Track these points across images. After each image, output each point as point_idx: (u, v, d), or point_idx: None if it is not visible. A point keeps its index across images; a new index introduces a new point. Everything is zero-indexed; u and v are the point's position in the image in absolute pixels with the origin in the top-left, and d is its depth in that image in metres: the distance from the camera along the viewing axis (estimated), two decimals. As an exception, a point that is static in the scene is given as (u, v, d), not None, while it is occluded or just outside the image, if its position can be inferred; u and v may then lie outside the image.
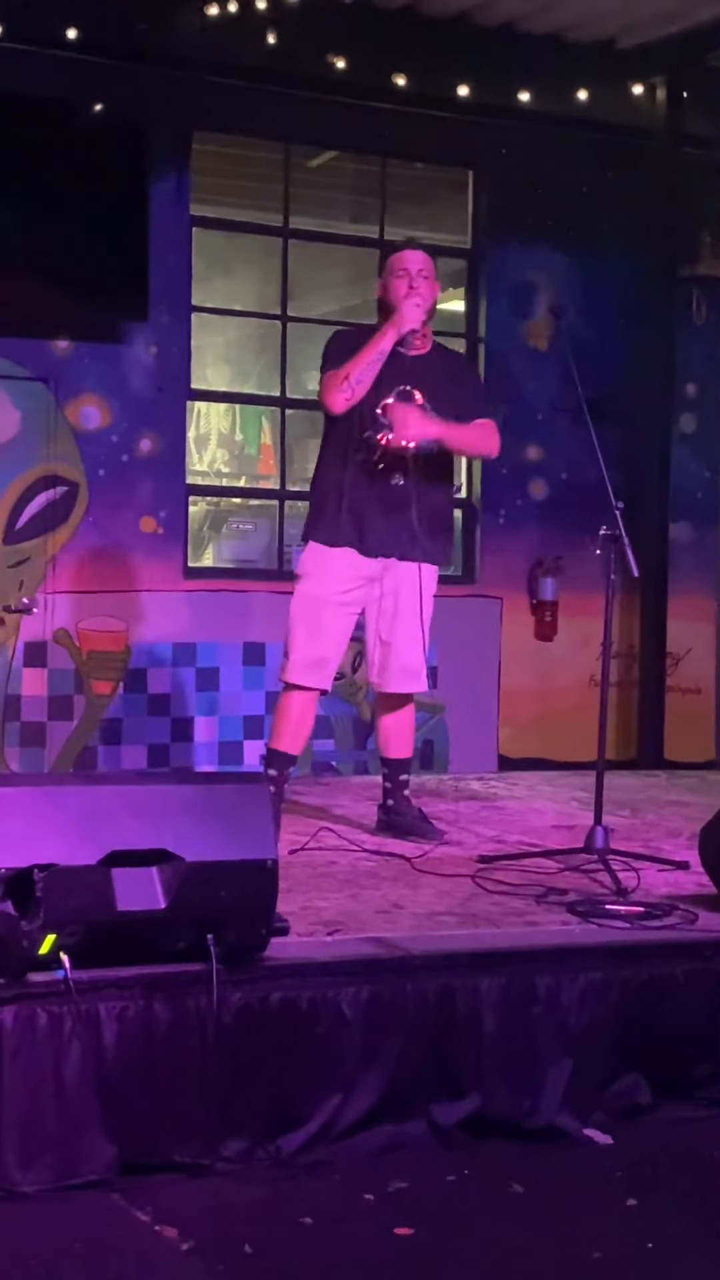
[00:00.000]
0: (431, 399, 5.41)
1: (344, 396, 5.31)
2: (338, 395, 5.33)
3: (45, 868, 3.41)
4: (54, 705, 7.60)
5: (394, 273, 5.44)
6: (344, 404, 5.33)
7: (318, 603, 5.47)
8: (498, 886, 4.76)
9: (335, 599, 5.48)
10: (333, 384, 5.35)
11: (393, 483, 5.41)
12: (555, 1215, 3.43)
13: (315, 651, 5.48)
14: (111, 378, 7.65)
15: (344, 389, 5.31)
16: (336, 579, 5.47)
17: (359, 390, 5.30)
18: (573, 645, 8.44)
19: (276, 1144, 3.59)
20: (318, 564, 5.49)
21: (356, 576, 5.49)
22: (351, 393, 5.31)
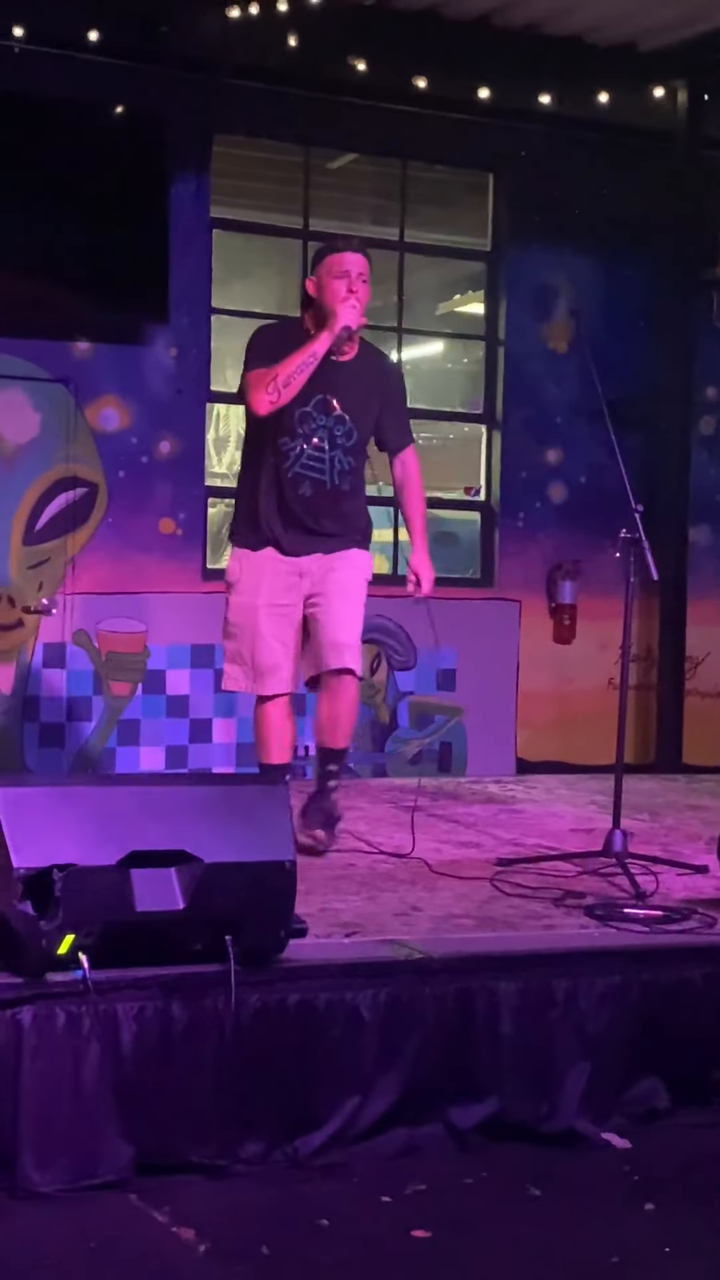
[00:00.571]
0: (351, 409, 5.26)
1: (269, 399, 5.10)
2: (263, 397, 5.10)
3: (64, 868, 3.41)
4: (73, 706, 7.61)
5: (332, 273, 5.17)
6: (269, 407, 5.12)
7: (252, 610, 5.27)
8: (516, 890, 4.75)
9: (268, 602, 5.27)
10: (259, 384, 5.12)
11: (307, 493, 5.26)
12: (573, 1219, 3.42)
13: (260, 658, 5.27)
14: (131, 380, 7.66)
15: (270, 391, 5.09)
16: (269, 586, 5.28)
17: (286, 394, 5.10)
18: (591, 648, 8.43)
19: (294, 1145, 3.59)
20: (245, 571, 5.32)
21: (288, 574, 5.29)
22: (278, 396, 5.10)
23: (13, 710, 7.49)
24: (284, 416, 5.19)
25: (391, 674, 8.29)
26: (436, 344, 9.31)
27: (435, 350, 9.37)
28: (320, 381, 5.17)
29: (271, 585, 5.28)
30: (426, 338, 9.08)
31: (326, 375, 5.17)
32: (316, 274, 5.22)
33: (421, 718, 8.38)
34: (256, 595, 5.27)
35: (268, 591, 5.28)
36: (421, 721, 8.38)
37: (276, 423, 5.20)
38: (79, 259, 7.25)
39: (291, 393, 5.11)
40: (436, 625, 5.47)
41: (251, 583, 5.29)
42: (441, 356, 9.44)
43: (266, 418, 5.17)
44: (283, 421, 5.20)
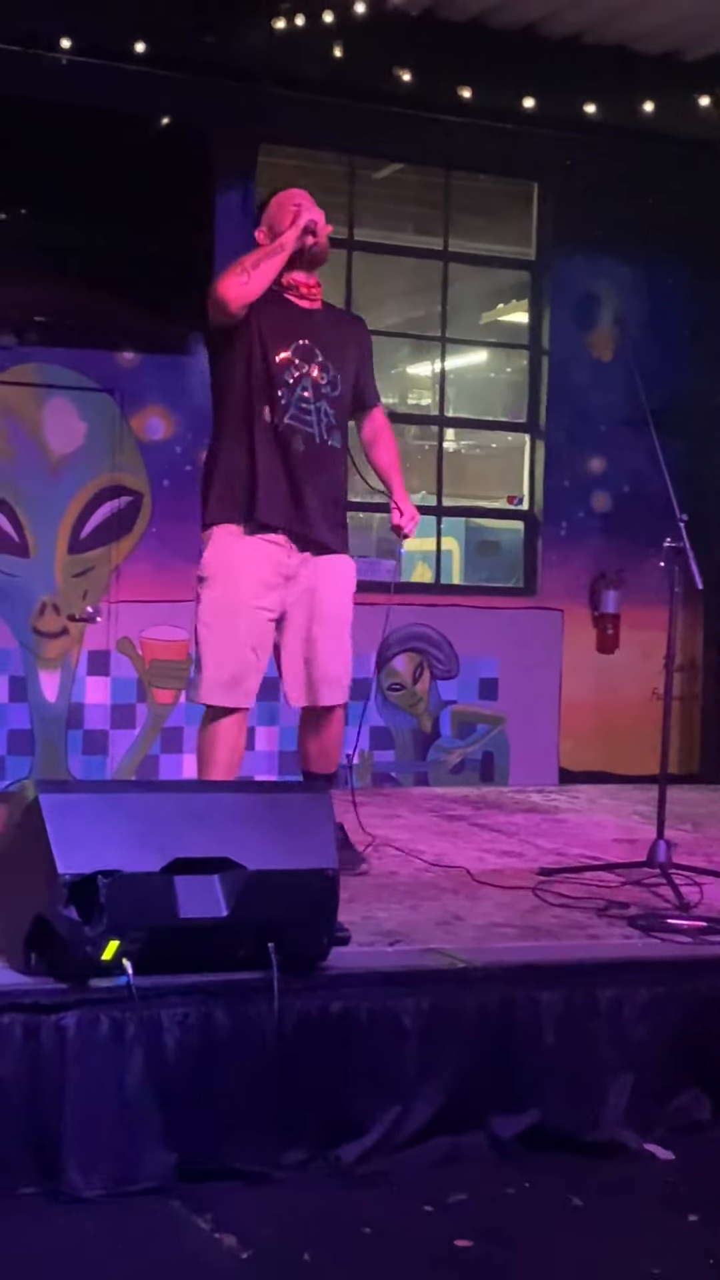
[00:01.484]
0: (332, 358, 4.94)
1: (239, 282, 4.72)
2: (231, 280, 4.73)
3: (109, 874, 3.42)
4: (117, 713, 7.64)
5: (283, 207, 4.95)
6: (237, 290, 4.72)
7: (231, 609, 4.84)
8: (559, 899, 4.74)
9: (250, 603, 4.85)
10: (228, 272, 4.79)
11: (299, 447, 4.86)
12: (615, 1230, 3.41)
13: (232, 667, 4.86)
14: (176, 389, 7.70)
15: (239, 274, 4.73)
16: (251, 580, 4.84)
17: (255, 278, 4.73)
18: (635, 658, 8.41)
19: (336, 1153, 3.59)
20: (227, 562, 4.86)
21: (272, 573, 4.88)
22: (247, 277, 4.72)
23: (57, 717, 7.53)
24: (269, 365, 4.84)
25: (434, 683, 8.29)
26: (480, 353, 9.32)
27: (479, 359, 9.37)
28: (298, 327, 4.91)
29: (254, 582, 4.85)
30: (470, 347, 9.08)
31: (302, 321, 4.93)
32: (265, 219, 5.02)
33: (464, 727, 8.38)
34: (237, 592, 4.84)
35: (250, 589, 4.85)
36: (464, 730, 8.38)
37: (262, 371, 4.83)
38: (125, 269, 7.29)
39: (261, 280, 4.75)
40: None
41: (232, 577, 4.85)
42: (485, 366, 9.44)
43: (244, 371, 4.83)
44: (269, 370, 4.84)
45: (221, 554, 4.87)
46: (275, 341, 4.86)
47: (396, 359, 10.06)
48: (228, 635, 4.85)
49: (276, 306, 4.90)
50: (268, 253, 4.80)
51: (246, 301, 4.75)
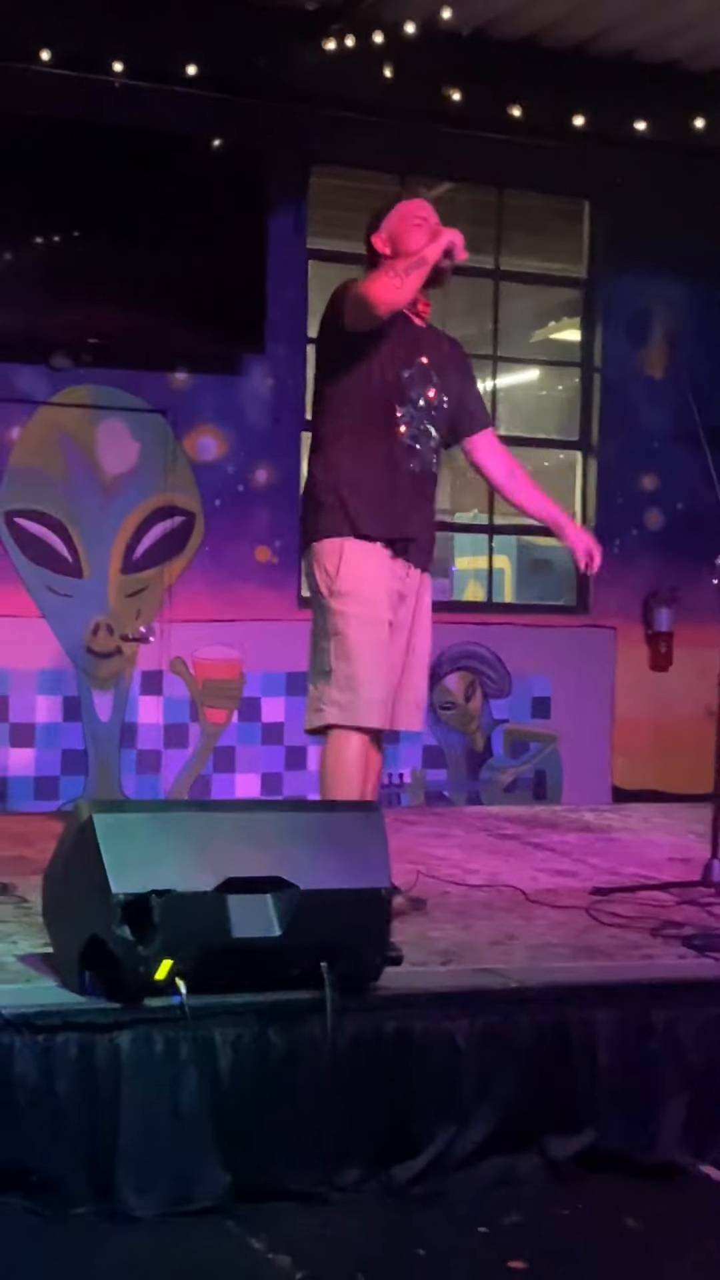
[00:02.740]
0: (442, 378, 4.81)
1: (391, 284, 4.50)
2: (384, 283, 4.50)
3: (162, 893, 3.43)
4: (169, 733, 7.67)
5: (410, 220, 4.75)
6: (392, 296, 4.51)
7: (377, 624, 4.62)
8: (613, 919, 4.72)
9: (386, 618, 4.65)
10: (378, 277, 4.55)
11: (416, 469, 4.73)
12: (671, 1252, 3.38)
13: (384, 684, 4.64)
14: (228, 409, 7.73)
15: (392, 277, 4.51)
16: (384, 594, 4.65)
17: (407, 286, 4.51)
18: (689, 676, 8.36)
19: (390, 1174, 3.57)
20: (363, 575, 4.63)
21: (398, 589, 4.72)
22: (400, 282, 4.50)
23: (111, 737, 7.56)
24: (391, 377, 4.68)
25: (486, 701, 8.27)
26: (532, 371, 9.31)
27: (531, 377, 9.37)
28: (417, 346, 4.75)
29: (386, 595, 4.66)
30: (522, 365, 9.08)
31: (420, 340, 4.77)
32: (386, 227, 4.78)
33: (516, 745, 8.36)
34: (378, 606, 4.63)
35: (385, 603, 4.65)
36: (516, 749, 8.36)
37: (384, 384, 4.67)
38: (178, 290, 7.34)
39: (412, 288, 4.55)
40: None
41: (371, 591, 4.62)
42: (537, 384, 9.44)
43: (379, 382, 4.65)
44: (390, 383, 4.68)
45: (356, 567, 4.62)
46: (402, 357, 4.71)
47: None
48: (378, 652, 4.62)
49: (399, 322, 4.73)
50: (415, 263, 4.56)
51: (397, 307, 4.57)
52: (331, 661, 4.61)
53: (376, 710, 4.62)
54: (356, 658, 4.58)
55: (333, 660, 4.60)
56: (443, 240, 4.60)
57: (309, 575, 4.76)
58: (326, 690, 4.61)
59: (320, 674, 4.64)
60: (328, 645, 4.62)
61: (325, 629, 4.65)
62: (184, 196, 7.31)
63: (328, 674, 4.61)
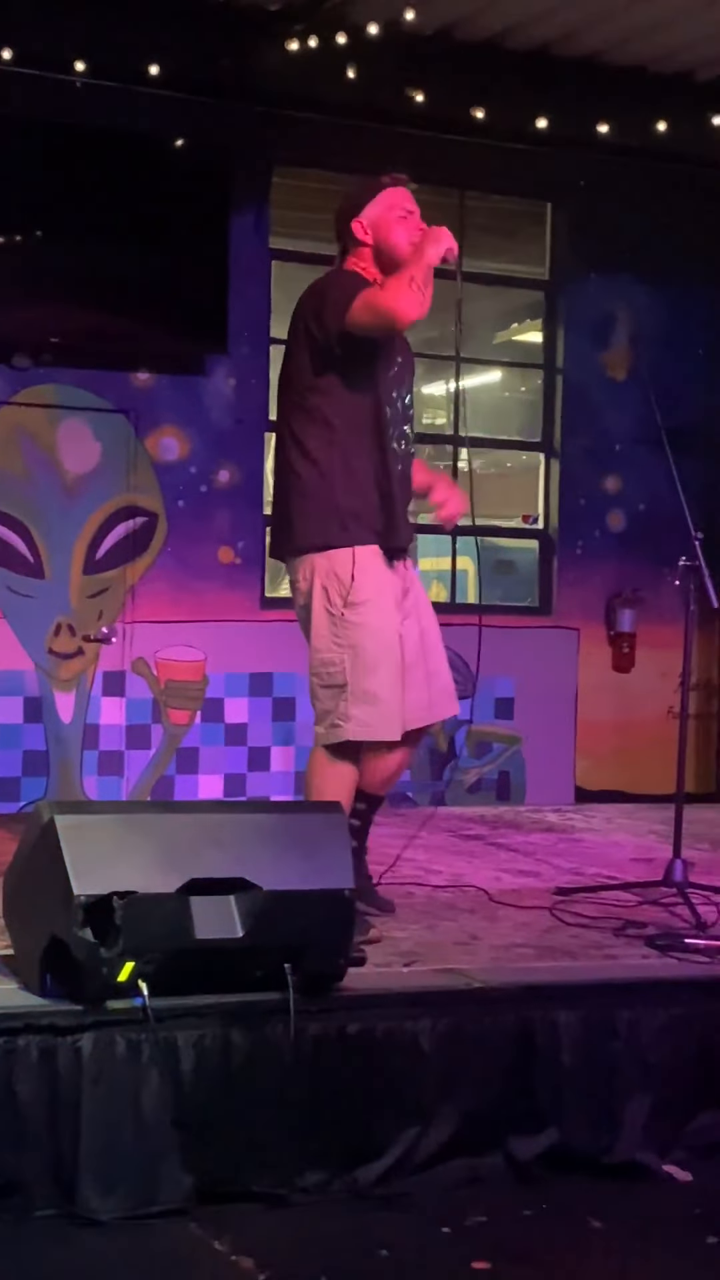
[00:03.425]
0: (409, 381, 4.72)
1: (418, 300, 4.33)
2: (412, 298, 4.32)
3: (125, 895, 3.42)
4: (132, 734, 7.64)
5: (394, 211, 4.62)
6: (419, 309, 4.34)
7: (393, 637, 4.53)
8: (576, 919, 4.73)
9: (399, 629, 4.57)
10: (400, 289, 4.34)
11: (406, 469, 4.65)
12: (634, 1252, 3.39)
13: (400, 699, 4.53)
14: (191, 409, 7.71)
15: (416, 292, 4.33)
16: (394, 604, 4.57)
17: (428, 298, 4.36)
18: (651, 677, 8.38)
19: (354, 1175, 3.57)
20: (378, 585, 4.51)
21: (400, 590, 4.63)
22: (423, 298, 4.34)
23: (73, 738, 7.53)
24: (381, 379, 4.53)
25: (450, 702, 8.26)
26: (495, 373, 9.32)
27: (493, 379, 9.38)
28: (394, 347, 4.60)
29: (395, 605, 4.55)
30: (485, 366, 9.09)
31: (394, 342, 4.60)
32: (368, 214, 4.62)
33: (480, 746, 8.36)
34: (392, 618, 4.53)
35: (396, 613, 4.54)
36: (480, 750, 8.36)
37: (377, 386, 4.51)
38: (140, 290, 7.31)
39: (429, 300, 4.38)
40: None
41: (385, 602, 4.50)
42: (500, 385, 9.45)
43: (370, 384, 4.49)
44: (380, 385, 4.52)
45: (372, 576, 4.48)
46: (389, 361, 4.59)
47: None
48: (396, 664, 4.51)
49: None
50: (426, 273, 4.38)
51: (418, 320, 4.42)
52: (348, 675, 4.46)
53: (396, 723, 4.50)
54: (375, 672, 4.45)
55: (349, 674, 4.45)
56: (444, 242, 4.45)
57: (306, 585, 4.56)
58: (342, 704, 4.46)
59: (334, 687, 4.49)
60: (342, 658, 4.47)
61: (336, 641, 4.48)
62: (146, 196, 7.28)
63: (343, 687, 4.46)
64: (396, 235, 4.56)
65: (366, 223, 4.62)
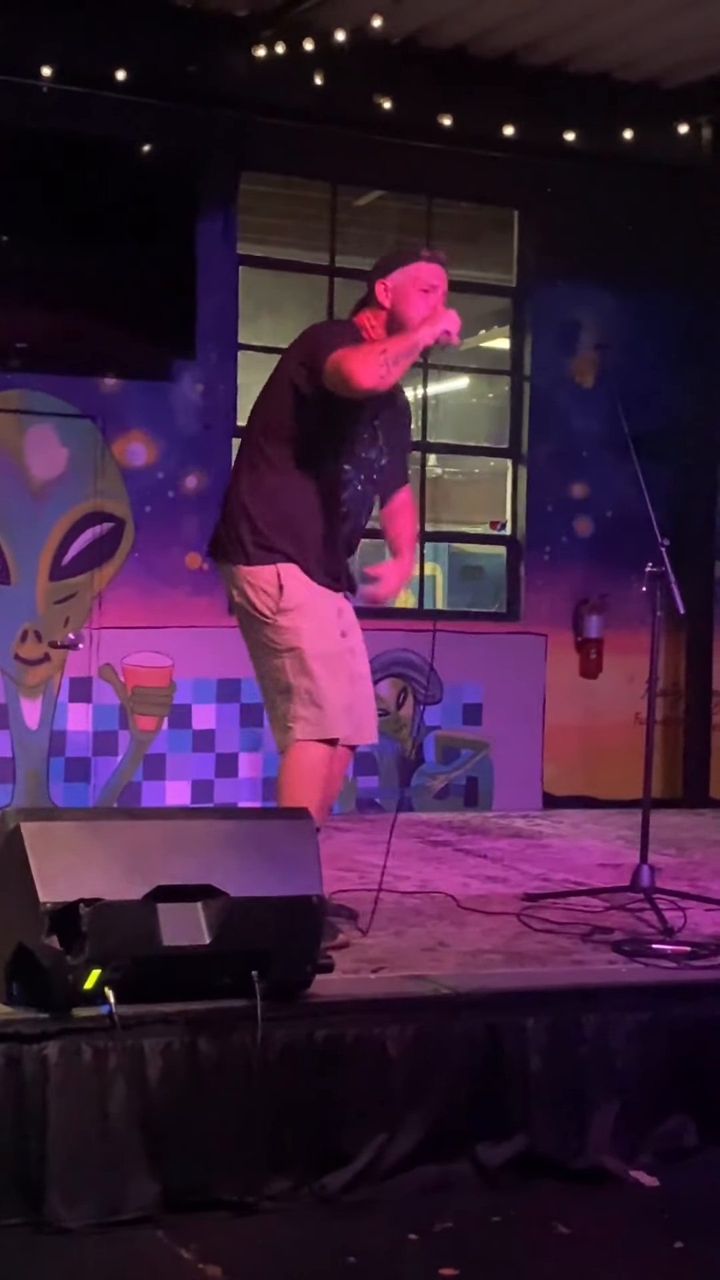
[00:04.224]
0: (389, 446, 4.79)
1: (379, 373, 4.35)
2: (373, 369, 4.34)
3: (91, 902, 3.41)
4: (99, 740, 7.62)
5: (419, 284, 4.63)
6: (374, 381, 4.37)
7: (332, 636, 4.61)
8: (543, 925, 4.73)
9: (339, 627, 4.66)
10: (365, 356, 4.38)
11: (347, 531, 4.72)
12: (601, 1257, 3.39)
13: (347, 694, 4.60)
14: (159, 415, 7.70)
15: (381, 364, 4.35)
16: (331, 609, 4.66)
17: (393, 374, 4.40)
18: (618, 683, 8.41)
19: (321, 1182, 3.57)
20: (310, 591, 4.59)
21: (334, 607, 4.71)
22: (387, 371, 4.36)
23: (39, 745, 7.51)
24: (347, 438, 4.61)
25: (418, 708, 8.28)
26: (462, 379, 9.34)
27: (461, 385, 9.40)
28: (374, 410, 4.65)
29: (333, 611, 4.66)
30: (452, 373, 9.10)
31: (378, 405, 4.65)
32: (394, 279, 4.64)
33: (447, 752, 8.37)
34: (329, 621, 4.62)
35: (334, 618, 4.65)
36: (447, 756, 8.37)
37: (339, 443, 4.59)
38: (107, 296, 7.30)
39: (397, 376, 4.43)
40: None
41: (319, 607, 4.60)
42: (467, 391, 9.47)
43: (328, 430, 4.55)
44: (345, 443, 4.61)
45: (303, 585, 4.57)
46: (360, 420, 4.62)
47: (379, 385, 10.07)
48: (338, 663, 4.58)
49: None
50: (406, 350, 4.43)
51: (378, 393, 4.48)
52: (291, 678, 4.53)
53: (343, 719, 4.55)
54: (317, 670, 4.52)
55: (292, 676, 4.53)
56: (438, 327, 4.48)
57: (239, 593, 4.65)
58: (290, 707, 4.53)
59: (280, 692, 4.56)
60: (283, 663, 4.55)
61: (276, 646, 4.56)
62: (114, 201, 7.27)
63: (289, 690, 4.53)
64: (411, 308, 4.59)
65: (390, 285, 4.65)
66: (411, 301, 4.61)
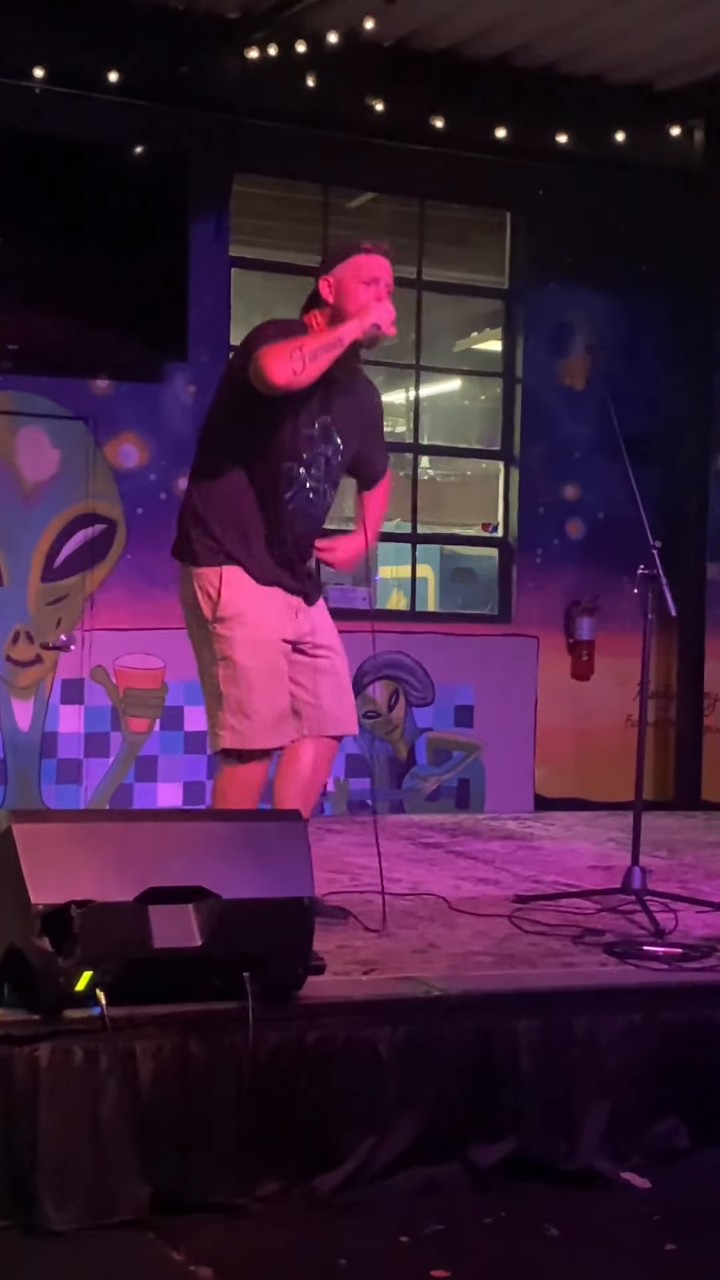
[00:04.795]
0: (346, 439, 4.70)
1: (292, 369, 4.33)
2: (285, 365, 4.33)
3: (82, 904, 3.40)
4: (90, 742, 7.62)
5: (360, 277, 4.56)
6: (287, 377, 4.35)
7: (267, 645, 4.55)
8: (534, 927, 4.73)
9: (277, 638, 4.59)
10: (280, 353, 4.35)
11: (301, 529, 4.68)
12: (592, 1259, 3.39)
13: (279, 705, 4.57)
14: (150, 417, 7.70)
15: (295, 360, 4.33)
16: (273, 613, 4.59)
17: (309, 370, 4.36)
18: (610, 685, 8.42)
19: (312, 1184, 3.56)
20: (249, 598, 4.55)
21: (286, 606, 4.64)
22: (301, 367, 4.34)
23: (30, 746, 7.50)
24: (289, 434, 4.56)
25: (409, 710, 8.28)
26: (454, 381, 9.35)
27: (453, 387, 9.40)
28: (323, 403, 4.60)
29: (276, 614, 4.60)
30: (444, 375, 9.11)
31: (328, 397, 4.60)
32: (335, 275, 4.60)
33: (439, 754, 8.38)
34: (267, 627, 4.57)
35: (275, 623, 4.59)
36: (439, 757, 8.37)
37: (279, 439, 4.55)
38: (99, 298, 7.30)
39: (313, 374, 4.39)
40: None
41: (257, 613, 4.56)
42: (459, 394, 9.47)
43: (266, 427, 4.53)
44: (286, 439, 4.56)
45: (242, 591, 4.55)
46: (303, 414, 4.57)
47: (371, 387, 10.06)
48: (270, 673, 4.55)
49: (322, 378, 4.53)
50: (327, 345, 4.42)
51: (293, 391, 4.44)
52: (223, 685, 4.55)
53: (270, 733, 4.55)
54: (246, 682, 4.53)
55: (224, 684, 4.55)
56: (367, 320, 4.48)
57: (188, 593, 4.66)
58: (220, 714, 4.56)
59: (213, 697, 4.59)
60: (217, 669, 4.57)
61: (212, 653, 4.59)
62: (106, 203, 7.28)
63: (220, 698, 4.56)
64: (353, 302, 4.55)
65: (333, 281, 4.61)
66: (353, 295, 4.57)
